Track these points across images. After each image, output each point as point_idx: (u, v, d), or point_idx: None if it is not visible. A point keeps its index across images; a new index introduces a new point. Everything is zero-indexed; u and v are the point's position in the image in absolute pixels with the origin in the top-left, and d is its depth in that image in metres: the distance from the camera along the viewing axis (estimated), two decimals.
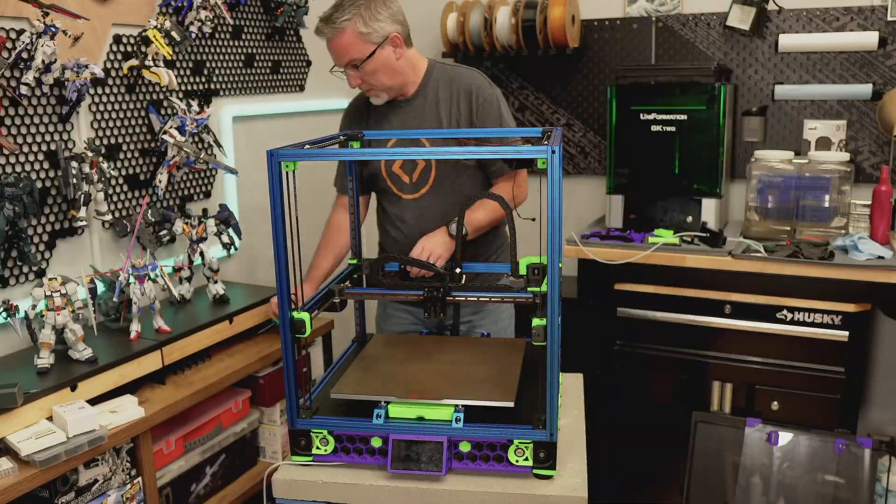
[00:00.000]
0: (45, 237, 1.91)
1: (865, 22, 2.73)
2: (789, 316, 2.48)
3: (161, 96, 2.21)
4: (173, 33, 2.09)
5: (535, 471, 1.49)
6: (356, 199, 1.96)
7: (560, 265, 1.47)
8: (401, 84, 2.04)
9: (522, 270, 1.81)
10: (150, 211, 2.13)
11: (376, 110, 2.12)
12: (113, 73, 2.07)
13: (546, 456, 1.48)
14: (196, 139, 2.30)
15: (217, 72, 2.44)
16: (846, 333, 2.42)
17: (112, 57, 2.07)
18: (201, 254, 2.20)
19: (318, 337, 2.41)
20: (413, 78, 2.06)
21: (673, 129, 2.63)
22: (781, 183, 2.68)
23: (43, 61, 1.77)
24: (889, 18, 2.69)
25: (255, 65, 2.61)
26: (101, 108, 2.05)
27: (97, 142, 2.03)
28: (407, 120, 2.08)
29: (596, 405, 2.23)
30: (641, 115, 2.69)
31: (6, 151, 1.80)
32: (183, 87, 2.32)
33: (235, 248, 2.34)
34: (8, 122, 1.80)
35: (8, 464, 1.49)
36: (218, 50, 2.44)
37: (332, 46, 1.96)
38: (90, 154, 1.91)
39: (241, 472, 2.19)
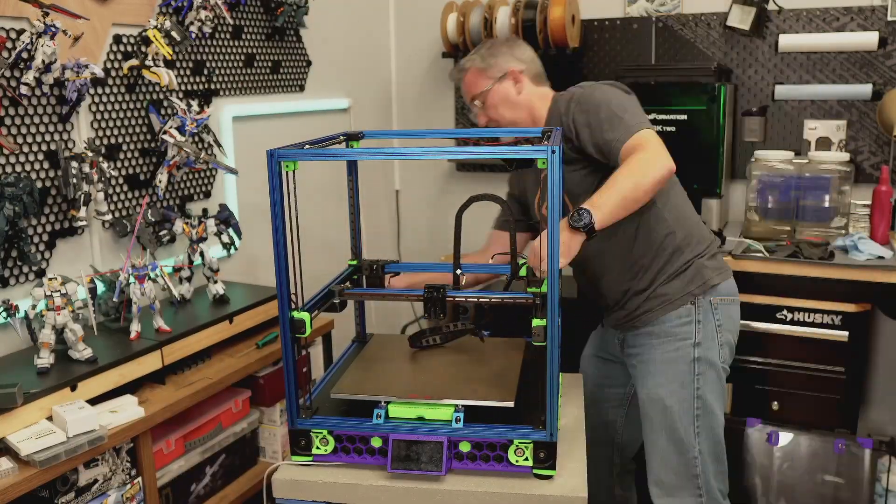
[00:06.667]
0: (45, 237, 1.91)
1: (865, 22, 2.73)
2: (789, 316, 2.48)
3: (161, 96, 2.21)
4: (173, 33, 2.09)
5: (535, 471, 1.50)
6: (356, 197, 1.96)
7: (560, 266, 1.47)
8: (527, 118, 2.03)
9: (523, 271, 1.82)
10: (150, 211, 2.13)
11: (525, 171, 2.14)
12: (113, 73, 2.07)
13: (546, 456, 1.48)
14: (196, 139, 2.30)
15: (217, 72, 2.44)
16: (846, 333, 2.42)
17: (112, 57, 2.07)
18: (201, 254, 2.20)
19: (318, 337, 2.41)
20: (541, 112, 2.03)
21: (673, 129, 2.63)
22: (781, 183, 2.68)
23: (43, 61, 1.77)
24: (889, 18, 2.69)
25: (255, 65, 2.62)
26: (101, 108, 2.05)
27: (97, 142, 2.03)
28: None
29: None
30: None
31: (6, 151, 1.80)
32: (183, 87, 2.32)
33: (235, 248, 2.34)
34: (8, 122, 1.80)
35: (8, 464, 1.49)
36: (218, 50, 2.44)
37: (462, 88, 2.10)
38: (90, 154, 1.91)
39: (241, 472, 2.19)
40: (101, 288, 1.96)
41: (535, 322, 1.45)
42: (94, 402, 1.70)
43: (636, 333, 1.99)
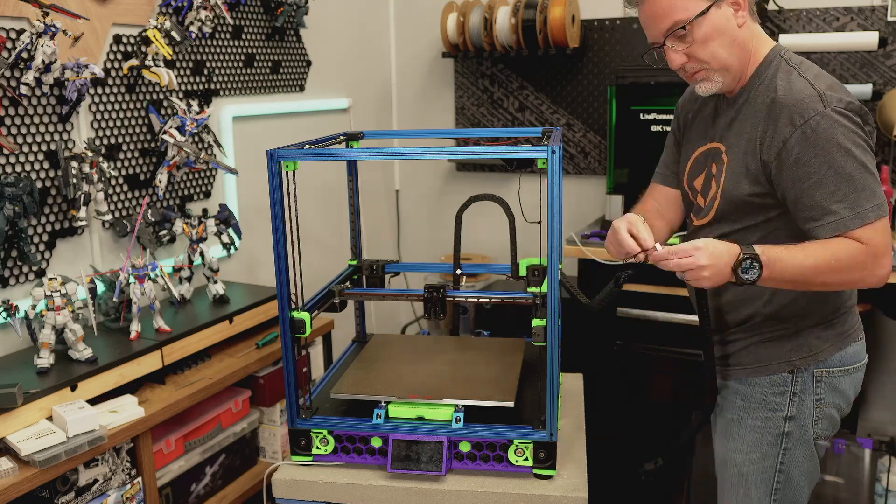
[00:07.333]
0: (45, 237, 1.91)
1: (865, 22, 2.73)
2: None
3: (161, 96, 2.21)
4: (173, 33, 2.09)
5: (535, 471, 1.50)
6: (356, 197, 1.96)
7: (560, 266, 1.47)
8: (739, 65, 1.48)
9: (522, 272, 1.82)
10: (150, 211, 2.13)
11: (695, 113, 1.67)
12: (113, 73, 2.07)
13: (546, 456, 1.48)
14: (196, 139, 2.30)
15: (217, 72, 2.44)
16: None
17: (112, 57, 2.07)
18: (201, 254, 2.21)
19: (318, 337, 2.41)
20: (753, 59, 1.50)
21: None
22: None
23: (43, 61, 1.77)
24: (889, 18, 2.69)
25: (255, 65, 2.62)
26: (101, 108, 2.05)
27: (97, 142, 2.03)
28: (720, 129, 1.55)
29: (596, 405, 2.23)
30: (641, 115, 2.68)
31: (6, 151, 1.80)
32: (183, 87, 2.32)
33: (235, 248, 2.34)
34: (8, 122, 1.80)
35: (8, 464, 1.49)
36: (218, 50, 2.44)
37: (648, 11, 1.46)
38: (90, 154, 1.91)
39: (241, 472, 2.19)
40: (101, 288, 1.96)
41: (535, 322, 1.45)
42: (94, 402, 1.70)
43: (724, 384, 1.65)
